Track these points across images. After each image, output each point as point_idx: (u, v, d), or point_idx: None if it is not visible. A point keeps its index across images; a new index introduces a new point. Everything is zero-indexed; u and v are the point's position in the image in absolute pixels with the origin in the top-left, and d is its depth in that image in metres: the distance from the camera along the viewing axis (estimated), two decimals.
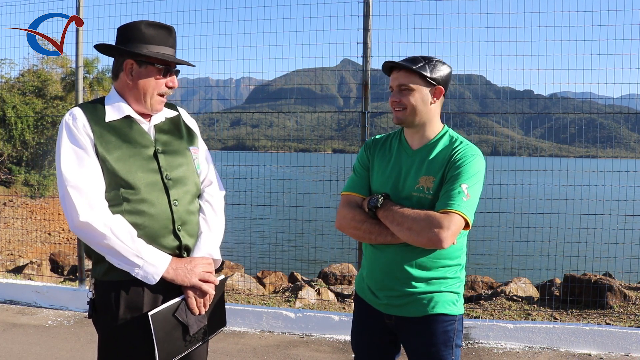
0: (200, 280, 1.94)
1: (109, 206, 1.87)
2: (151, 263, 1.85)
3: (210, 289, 1.97)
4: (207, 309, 2.00)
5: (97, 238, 1.80)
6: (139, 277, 1.84)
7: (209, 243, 2.04)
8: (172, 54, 1.99)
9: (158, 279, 1.85)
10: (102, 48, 2.02)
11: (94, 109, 1.94)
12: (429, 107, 2.04)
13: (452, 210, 1.86)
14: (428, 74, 1.99)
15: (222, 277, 2.13)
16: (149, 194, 1.91)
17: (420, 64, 2.00)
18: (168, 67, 1.97)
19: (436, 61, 2.04)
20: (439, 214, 1.87)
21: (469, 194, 1.90)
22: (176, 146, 2.04)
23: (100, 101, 1.99)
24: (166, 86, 1.99)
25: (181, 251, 1.97)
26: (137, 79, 1.94)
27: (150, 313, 1.83)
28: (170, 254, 1.94)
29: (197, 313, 1.96)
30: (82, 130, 1.87)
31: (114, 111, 1.95)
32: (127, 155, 1.90)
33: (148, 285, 1.89)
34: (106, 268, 1.89)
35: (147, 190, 1.91)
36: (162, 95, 1.99)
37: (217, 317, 2.09)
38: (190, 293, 1.95)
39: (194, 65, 2.07)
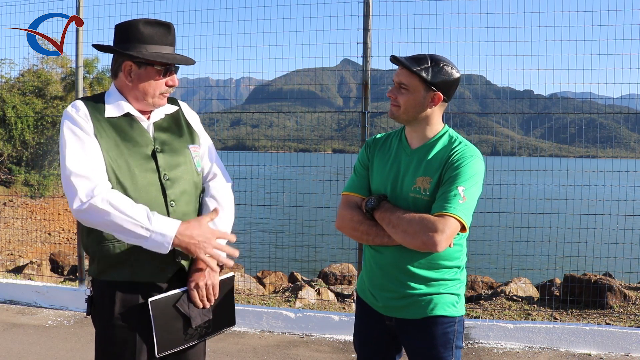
0: (211, 255, 1.85)
1: None
2: (160, 232, 1.77)
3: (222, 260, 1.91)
4: (212, 304, 1.98)
5: (101, 217, 1.76)
6: (151, 249, 1.79)
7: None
8: (172, 52, 1.97)
9: (169, 247, 1.79)
10: (100, 48, 2.01)
11: (95, 104, 1.93)
12: (426, 110, 2.00)
13: (448, 214, 1.84)
14: (429, 78, 1.95)
15: (230, 274, 2.10)
16: (146, 193, 1.89)
17: (423, 66, 1.95)
18: (168, 66, 1.95)
19: (444, 64, 1.97)
20: (434, 217, 1.86)
21: (465, 196, 1.87)
22: (175, 145, 2.02)
23: (101, 97, 1.97)
24: (166, 85, 1.96)
25: (175, 253, 1.94)
26: (137, 80, 1.92)
27: (150, 299, 1.82)
28: (165, 255, 1.90)
29: (201, 306, 1.94)
30: (84, 118, 1.87)
31: (114, 108, 1.93)
32: (126, 153, 1.89)
33: (143, 285, 1.88)
34: (101, 267, 1.89)
35: (145, 190, 1.89)
36: (163, 94, 1.98)
37: (224, 314, 2.06)
38: (192, 285, 1.93)
39: (194, 62, 2.04)
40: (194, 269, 1.96)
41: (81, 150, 1.82)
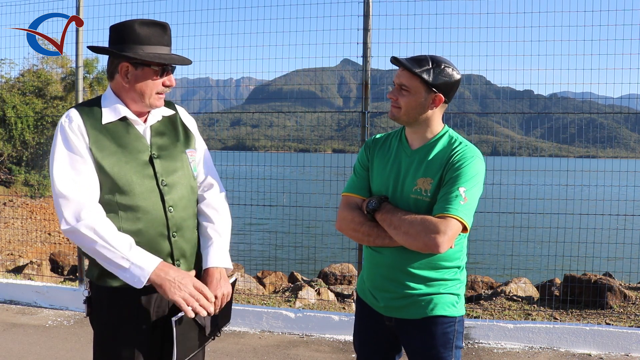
0: (183, 299, 1.80)
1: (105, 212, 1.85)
2: (138, 265, 1.77)
3: (201, 304, 1.85)
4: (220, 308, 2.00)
5: (84, 242, 1.78)
6: (126, 281, 1.78)
7: (221, 252, 2.02)
8: (168, 52, 1.96)
9: (145, 282, 1.77)
10: (96, 49, 1.99)
11: (90, 110, 1.91)
12: (427, 112, 2.00)
13: (449, 215, 1.84)
14: (430, 80, 1.94)
15: (233, 278, 2.12)
16: (144, 200, 1.89)
17: (425, 68, 1.95)
18: (165, 66, 1.94)
19: (445, 66, 1.96)
20: (435, 218, 1.86)
21: (466, 197, 1.87)
22: (172, 150, 2.01)
23: (97, 101, 1.96)
24: (163, 85, 1.95)
25: (174, 259, 1.95)
26: (134, 81, 1.90)
27: (173, 319, 1.82)
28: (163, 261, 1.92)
29: (213, 314, 1.95)
30: (77, 133, 1.84)
31: (111, 112, 1.92)
32: (123, 161, 1.88)
33: (142, 289, 1.87)
34: (99, 272, 1.89)
35: (143, 197, 1.89)
36: (160, 93, 1.97)
37: (224, 315, 2.09)
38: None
39: (191, 62, 2.02)
40: (208, 280, 1.96)
41: (70, 170, 1.82)
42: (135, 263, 1.78)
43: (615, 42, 4.62)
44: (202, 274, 2.00)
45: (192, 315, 1.81)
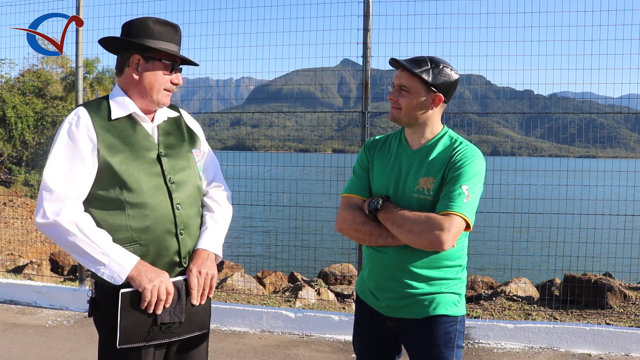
0: (152, 292, 1.81)
1: (111, 209, 1.85)
2: (117, 262, 1.78)
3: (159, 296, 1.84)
4: (204, 300, 1.95)
5: (63, 236, 1.77)
6: (104, 277, 1.78)
7: (214, 238, 2.02)
8: (178, 52, 1.99)
9: (124, 278, 1.79)
10: (108, 42, 1.99)
11: (99, 108, 1.92)
12: (427, 112, 2.02)
13: (453, 212, 1.85)
14: (429, 80, 1.96)
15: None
16: (152, 197, 1.89)
17: (424, 68, 1.97)
18: (174, 63, 1.97)
19: (443, 66, 1.99)
20: (439, 216, 1.87)
21: (469, 195, 1.89)
22: (179, 149, 2.03)
23: (105, 99, 1.97)
24: (171, 83, 1.98)
25: (181, 257, 1.95)
26: (143, 72, 1.93)
27: (122, 290, 1.80)
28: (171, 259, 1.93)
29: (195, 300, 1.91)
30: (84, 132, 1.85)
31: (119, 108, 1.93)
32: (130, 158, 1.89)
33: None
34: None
35: (150, 194, 1.89)
36: (167, 91, 1.99)
37: (197, 318, 1.98)
38: (194, 272, 1.92)
39: (198, 64, 2.07)
40: (194, 258, 1.96)
41: (65, 166, 1.81)
42: (115, 259, 1.79)
43: (615, 42, 4.62)
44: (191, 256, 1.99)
45: (144, 307, 1.81)
